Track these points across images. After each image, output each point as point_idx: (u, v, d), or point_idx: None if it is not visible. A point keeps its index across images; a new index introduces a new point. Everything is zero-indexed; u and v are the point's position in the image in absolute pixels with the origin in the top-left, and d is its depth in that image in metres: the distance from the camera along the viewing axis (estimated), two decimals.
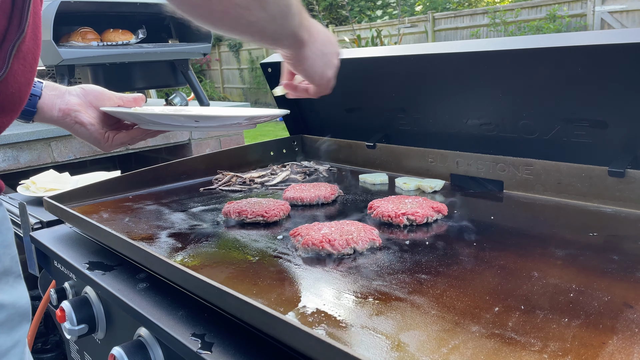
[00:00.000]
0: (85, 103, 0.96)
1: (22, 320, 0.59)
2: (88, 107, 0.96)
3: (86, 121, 0.95)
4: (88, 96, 0.97)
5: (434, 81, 1.31)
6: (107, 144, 0.99)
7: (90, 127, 0.96)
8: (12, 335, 0.57)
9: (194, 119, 0.97)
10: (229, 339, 0.67)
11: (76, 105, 0.94)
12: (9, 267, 0.59)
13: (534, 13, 8.73)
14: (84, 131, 0.96)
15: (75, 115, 0.94)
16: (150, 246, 0.95)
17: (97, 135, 0.97)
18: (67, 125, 0.95)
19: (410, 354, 0.56)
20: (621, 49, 0.95)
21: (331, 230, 0.90)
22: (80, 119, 0.94)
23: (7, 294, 0.57)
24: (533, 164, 1.16)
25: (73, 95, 0.95)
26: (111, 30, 2.45)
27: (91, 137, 0.98)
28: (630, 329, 0.60)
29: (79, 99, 0.96)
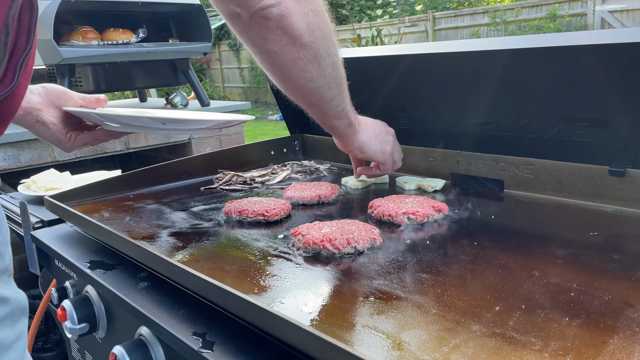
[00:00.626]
0: (47, 102, 0.95)
1: (22, 314, 0.61)
2: (50, 106, 0.95)
3: (48, 120, 0.93)
4: (50, 95, 0.96)
5: (435, 80, 1.31)
6: (69, 144, 0.98)
7: (52, 126, 0.94)
8: (15, 328, 0.58)
9: (160, 122, 0.96)
10: (230, 338, 0.67)
11: (38, 104, 0.93)
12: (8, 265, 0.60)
13: (534, 12, 8.73)
14: (46, 131, 0.95)
15: (37, 114, 0.93)
16: (151, 245, 0.95)
17: (59, 135, 0.96)
18: (28, 124, 0.94)
19: (412, 353, 0.57)
20: (622, 49, 0.95)
21: (332, 229, 0.90)
22: (42, 118, 0.93)
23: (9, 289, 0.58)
24: (534, 163, 1.16)
25: (34, 94, 0.94)
26: (112, 30, 2.45)
27: (52, 137, 0.96)
28: (631, 328, 0.60)
29: (41, 98, 0.94)
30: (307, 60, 0.80)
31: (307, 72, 0.82)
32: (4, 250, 0.59)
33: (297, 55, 0.79)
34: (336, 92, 0.92)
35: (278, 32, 0.74)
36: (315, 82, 0.85)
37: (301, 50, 0.78)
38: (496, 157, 1.22)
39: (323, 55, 0.82)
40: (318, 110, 0.95)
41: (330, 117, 0.97)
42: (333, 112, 0.96)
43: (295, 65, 0.80)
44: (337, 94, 0.93)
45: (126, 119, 0.96)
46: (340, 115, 0.98)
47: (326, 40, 0.82)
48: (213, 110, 2.74)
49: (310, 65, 0.82)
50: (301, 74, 0.82)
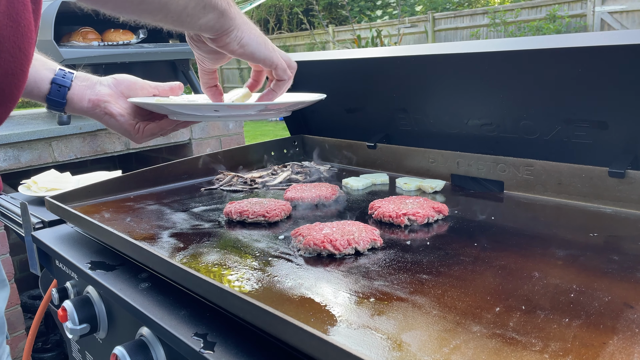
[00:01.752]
0: (116, 93, 0.94)
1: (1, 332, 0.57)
2: (119, 97, 0.94)
3: (116, 112, 0.93)
4: (119, 86, 0.95)
5: (435, 82, 1.31)
6: (137, 135, 0.97)
7: (120, 118, 0.93)
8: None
9: (213, 109, 0.92)
10: (231, 339, 0.67)
11: (106, 96, 0.93)
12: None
13: (534, 13, 8.73)
14: (114, 122, 0.94)
15: (104, 106, 0.92)
16: (152, 246, 0.95)
17: (127, 126, 0.95)
18: (97, 116, 0.94)
19: (412, 354, 0.57)
20: (622, 50, 0.95)
21: (332, 230, 0.91)
22: (110, 110, 0.92)
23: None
24: (533, 164, 1.16)
25: (104, 86, 0.94)
26: (112, 30, 2.45)
27: (121, 129, 0.96)
28: (631, 329, 0.60)
29: (110, 90, 0.94)
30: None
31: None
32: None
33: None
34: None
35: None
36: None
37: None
38: (496, 158, 1.22)
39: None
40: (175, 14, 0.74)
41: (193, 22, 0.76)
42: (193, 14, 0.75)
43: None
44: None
45: (181, 107, 0.94)
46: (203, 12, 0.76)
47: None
48: None
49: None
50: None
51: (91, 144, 2.33)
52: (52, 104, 0.90)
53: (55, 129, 2.20)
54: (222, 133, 2.79)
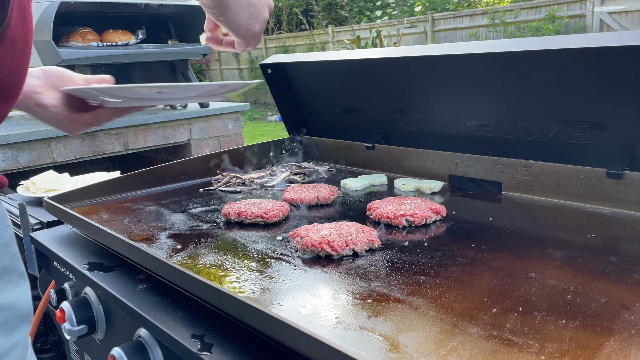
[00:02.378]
0: (47, 84, 0.92)
1: (22, 322, 0.57)
2: (50, 88, 0.92)
3: (48, 103, 0.90)
4: (50, 77, 0.93)
5: (433, 82, 1.31)
6: (71, 126, 0.94)
7: (53, 109, 0.90)
8: (10, 337, 0.55)
9: (156, 90, 0.91)
10: (228, 340, 0.67)
11: (37, 87, 0.90)
12: (9, 265, 0.57)
13: (533, 14, 8.74)
14: (46, 113, 0.91)
15: (36, 97, 0.89)
16: (150, 247, 0.95)
17: (61, 117, 0.92)
18: (28, 108, 0.91)
19: (409, 355, 0.57)
20: (620, 52, 0.96)
21: (330, 231, 0.91)
22: (42, 101, 0.90)
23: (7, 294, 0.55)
24: (531, 165, 1.16)
25: (33, 77, 0.91)
26: (111, 31, 2.45)
27: (54, 120, 0.93)
28: (627, 330, 0.60)
29: (40, 81, 0.91)
30: None
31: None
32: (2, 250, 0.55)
33: None
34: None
35: None
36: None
37: None
38: (494, 159, 1.22)
39: None
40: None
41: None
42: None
43: None
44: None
45: (122, 90, 0.91)
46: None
47: None
48: (211, 111, 2.75)
49: None
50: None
51: (90, 145, 2.33)
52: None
53: (53, 129, 2.20)
54: (221, 133, 2.79)
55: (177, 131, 2.63)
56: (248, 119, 10.29)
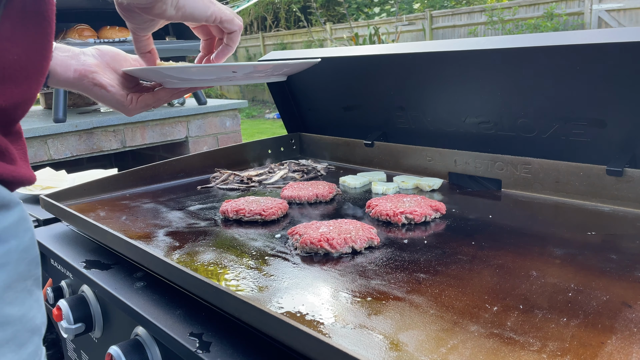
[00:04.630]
0: (103, 64, 0.88)
1: (33, 335, 0.53)
2: (106, 68, 0.88)
3: (106, 83, 0.87)
4: (104, 57, 0.89)
5: (432, 79, 1.31)
6: (131, 106, 0.90)
7: (111, 88, 0.87)
8: (19, 353, 0.51)
9: (230, 70, 0.87)
10: (226, 339, 0.66)
11: (93, 66, 0.86)
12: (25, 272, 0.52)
13: (532, 11, 8.73)
14: (105, 94, 0.88)
15: (93, 77, 0.86)
16: (147, 245, 0.94)
17: (120, 97, 0.89)
18: (85, 88, 0.87)
19: (409, 354, 0.56)
20: (620, 48, 0.95)
21: (329, 229, 0.90)
22: (99, 80, 0.86)
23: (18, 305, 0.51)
24: (531, 162, 1.15)
25: (88, 56, 0.87)
26: (108, 27, 2.44)
27: (113, 100, 0.89)
28: (629, 328, 0.60)
29: (96, 60, 0.87)
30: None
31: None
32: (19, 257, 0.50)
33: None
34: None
35: None
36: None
37: None
38: (494, 156, 1.22)
39: None
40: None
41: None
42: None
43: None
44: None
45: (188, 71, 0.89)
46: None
47: None
48: (209, 108, 2.73)
49: None
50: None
51: (87, 142, 2.32)
52: None
53: (51, 126, 2.19)
54: (219, 131, 2.79)
55: (174, 128, 2.62)
56: (246, 116, 10.28)
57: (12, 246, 0.50)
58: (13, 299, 0.50)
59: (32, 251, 0.53)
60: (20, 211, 0.52)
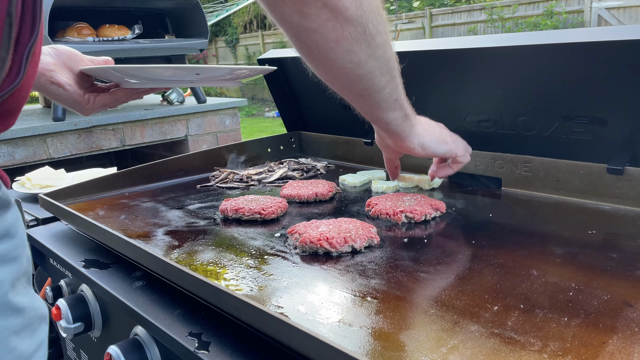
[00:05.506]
0: (60, 63, 0.89)
1: (42, 321, 0.57)
2: (62, 67, 0.90)
3: (63, 81, 0.88)
4: (61, 56, 0.90)
5: (432, 78, 1.30)
6: (87, 106, 0.92)
7: (69, 87, 0.89)
8: (35, 337, 0.54)
9: (194, 71, 0.89)
10: (226, 338, 0.66)
11: (51, 65, 0.87)
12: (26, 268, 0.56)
13: (531, 9, 8.73)
14: (62, 92, 0.89)
15: (50, 75, 0.87)
16: (146, 244, 0.94)
17: (77, 96, 0.90)
18: (42, 86, 0.88)
19: (410, 354, 0.56)
20: (621, 46, 0.95)
21: (329, 228, 0.90)
22: (57, 79, 0.87)
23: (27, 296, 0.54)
24: (531, 161, 1.15)
25: (46, 55, 0.88)
26: (107, 26, 2.43)
27: (70, 99, 0.91)
28: (631, 328, 0.59)
29: (53, 59, 0.89)
30: (354, 39, 0.66)
31: (354, 53, 0.68)
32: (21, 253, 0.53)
33: (342, 32, 0.65)
34: (389, 78, 0.77)
35: (318, 5, 0.61)
36: (364, 67, 0.71)
37: (346, 26, 0.64)
38: (494, 154, 1.21)
39: (372, 32, 0.67)
40: (368, 102, 0.80)
41: (383, 108, 0.82)
42: (386, 102, 0.81)
43: (340, 45, 0.66)
44: (390, 80, 0.78)
45: (146, 71, 0.89)
46: (394, 105, 0.83)
47: (376, 15, 0.67)
48: (209, 106, 2.73)
49: (357, 46, 0.67)
50: (347, 57, 0.68)
51: (86, 141, 2.31)
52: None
53: (50, 125, 2.19)
54: (218, 129, 2.78)
55: (174, 127, 2.61)
56: (245, 115, 10.27)
57: (18, 241, 0.52)
58: (22, 289, 0.53)
59: (27, 249, 0.56)
60: (17, 210, 0.54)
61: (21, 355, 0.51)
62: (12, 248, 0.51)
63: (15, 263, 0.52)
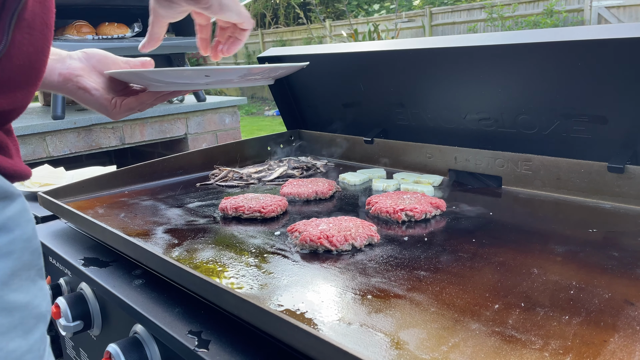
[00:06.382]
0: (88, 67, 0.90)
1: (39, 321, 0.54)
2: (91, 71, 0.90)
3: (89, 86, 0.88)
4: (91, 60, 0.90)
5: (432, 76, 1.30)
6: (114, 110, 0.92)
7: (95, 92, 0.89)
8: (27, 338, 0.52)
9: (204, 74, 0.88)
10: (226, 337, 0.66)
11: (78, 70, 0.88)
12: (29, 261, 0.54)
13: (531, 8, 8.72)
14: (88, 97, 0.89)
15: (77, 80, 0.87)
16: (146, 242, 0.94)
17: (103, 101, 0.90)
18: (70, 91, 0.89)
19: (410, 352, 0.56)
20: (622, 44, 0.94)
21: (329, 226, 0.90)
22: (83, 84, 0.88)
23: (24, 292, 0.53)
24: (532, 159, 1.15)
25: (75, 59, 0.89)
26: (106, 24, 2.43)
27: (97, 104, 0.91)
28: (632, 326, 0.59)
29: (81, 63, 0.89)
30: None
31: None
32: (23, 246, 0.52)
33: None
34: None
35: None
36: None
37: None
38: (494, 153, 1.21)
39: None
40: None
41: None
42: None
43: None
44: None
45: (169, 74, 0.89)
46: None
47: None
48: (208, 105, 2.73)
49: None
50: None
51: (86, 139, 2.31)
52: None
53: (49, 123, 2.18)
54: (218, 128, 2.78)
55: (173, 125, 2.61)
56: (245, 113, 10.27)
57: (16, 235, 0.51)
58: (18, 286, 0.52)
59: (34, 241, 0.55)
60: (22, 202, 0.53)
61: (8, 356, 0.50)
62: (6, 243, 0.50)
63: (10, 258, 0.51)
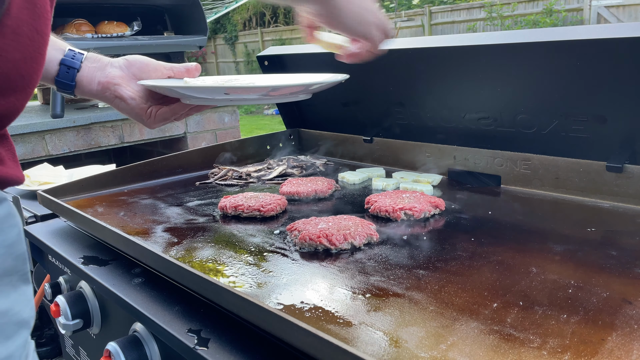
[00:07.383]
0: (128, 75, 0.90)
1: (20, 328, 0.53)
2: (130, 79, 0.90)
3: (126, 95, 0.88)
4: (131, 68, 0.91)
5: (432, 75, 1.30)
6: (150, 120, 0.92)
7: (131, 101, 0.89)
8: (7, 345, 0.51)
9: (223, 91, 0.88)
10: (225, 335, 0.66)
11: (117, 78, 0.88)
12: (11, 267, 0.53)
13: (531, 7, 8.73)
14: (125, 106, 0.90)
15: (114, 89, 0.88)
16: (145, 241, 0.94)
17: (139, 110, 0.90)
18: (107, 99, 0.89)
19: (409, 351, 0.56)
20: (620, 43, 0.95)
21: (328, 225, 0.90)
22: (120, 93, 0.88)
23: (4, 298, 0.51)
24: (531, 158, 1.15)
25: (115, 67, 0.89)
26: (106, 22, 2.43)
27: (132, 113, 0.91)
28: (630, 325, 0.59)
29: (121, 71, 0.90)
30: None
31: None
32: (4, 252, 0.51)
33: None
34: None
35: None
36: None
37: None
38: (493, 152, 1.21)
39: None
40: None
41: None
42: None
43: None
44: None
45: (189, 90, 0.88)
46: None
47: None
48: None
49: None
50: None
51: (85, 138, 2.31)
52: (61, 86, 0.85)
53: (48, 122, 2.18)
54: (217, 127, 2.78)
55: (173, 124, 2.61)
56: (244, 112, 10.26)
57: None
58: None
59: (18, 247, 0.54)
60: (7, 207, 0.52)
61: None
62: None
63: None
